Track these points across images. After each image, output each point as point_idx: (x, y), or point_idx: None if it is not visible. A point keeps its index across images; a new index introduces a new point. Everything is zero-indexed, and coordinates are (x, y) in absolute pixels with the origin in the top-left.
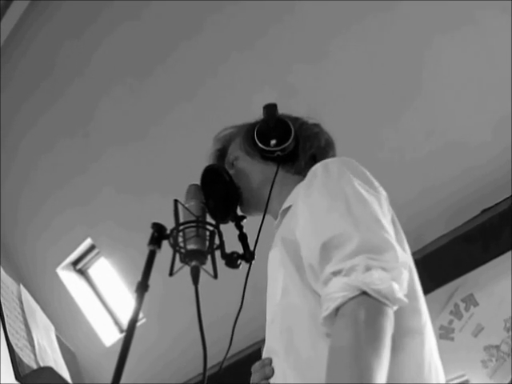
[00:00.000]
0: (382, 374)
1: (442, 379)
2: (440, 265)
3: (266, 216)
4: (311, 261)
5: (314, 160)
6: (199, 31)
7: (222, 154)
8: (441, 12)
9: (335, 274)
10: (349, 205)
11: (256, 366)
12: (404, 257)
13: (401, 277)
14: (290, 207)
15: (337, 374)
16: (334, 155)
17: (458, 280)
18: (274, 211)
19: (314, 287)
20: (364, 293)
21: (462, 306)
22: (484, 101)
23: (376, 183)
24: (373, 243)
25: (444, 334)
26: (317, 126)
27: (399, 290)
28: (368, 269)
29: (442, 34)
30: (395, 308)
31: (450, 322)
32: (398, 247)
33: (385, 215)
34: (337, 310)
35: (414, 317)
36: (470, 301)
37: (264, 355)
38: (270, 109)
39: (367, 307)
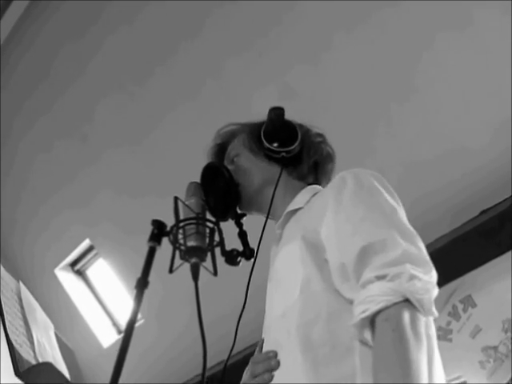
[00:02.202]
0: (426, 373)
1: (444, 380)
2: (439, 266)
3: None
4: (344, 261)
5: (316, 167)
6: (198, 33)
7: (221, 148)
8: (441, 13)
9: (379, 278)
10: (387, 215)
11: (258, 357)
12: (435, 274)
13: (433, 291)
14: (299, 209)
15: (387, 373)
16: (332, 168)
17: (457, 281)
18: (276, 213)
19: (338, 287)
20: (406, 300)
21: (460, 307)
22: (483, 103)
23: (397, 197)
24: (415, 255)
25: (442, 335)
26: (320, 135)
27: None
28: (412, 278)
29: (441, 36)
30: (425, 318)
31: (448, 323)
32: (431, 263)
33: None
34: (376, 313)
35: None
36: (468, 302)
37: (266, 348)
38: (278, 111)
39: (410, 313)
